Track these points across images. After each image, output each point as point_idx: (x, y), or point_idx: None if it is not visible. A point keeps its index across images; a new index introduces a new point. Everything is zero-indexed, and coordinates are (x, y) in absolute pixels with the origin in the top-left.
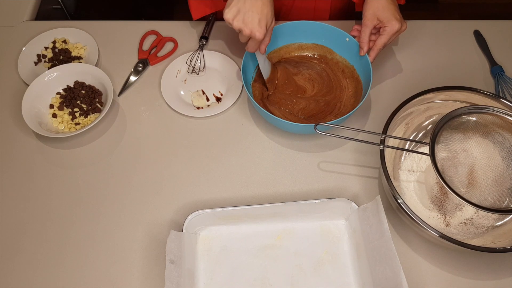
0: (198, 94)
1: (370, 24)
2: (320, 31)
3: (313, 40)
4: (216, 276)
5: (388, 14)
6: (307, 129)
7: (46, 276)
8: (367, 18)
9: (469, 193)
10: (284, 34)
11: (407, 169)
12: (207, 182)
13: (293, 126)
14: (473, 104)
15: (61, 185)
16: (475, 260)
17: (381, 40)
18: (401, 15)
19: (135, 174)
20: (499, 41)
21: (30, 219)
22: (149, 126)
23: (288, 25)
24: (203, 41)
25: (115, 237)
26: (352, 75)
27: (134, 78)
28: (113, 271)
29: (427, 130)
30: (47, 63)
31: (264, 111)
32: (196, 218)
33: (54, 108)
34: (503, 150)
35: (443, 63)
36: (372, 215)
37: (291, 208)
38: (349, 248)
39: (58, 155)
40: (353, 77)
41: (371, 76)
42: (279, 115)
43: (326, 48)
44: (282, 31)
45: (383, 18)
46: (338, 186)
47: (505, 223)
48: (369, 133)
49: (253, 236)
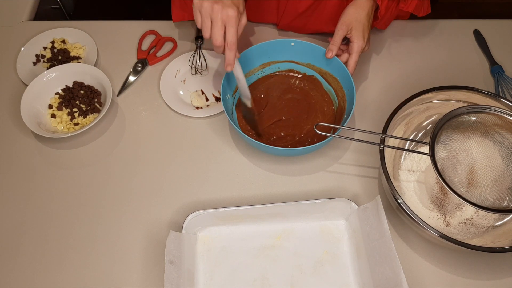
0: (198, 94)
1: (345, 28)
2: (283, 48)
3: (284, 58)
4: (215, 276)
5: (359, 30)
6: (297, 152)
7: (45, 277)
8: (344, 23)
9: (469, 193)
10: (257, 55)
11: (407, 169)
12: (206, 182)
13: (285, 152)
14: (473, 103)
15: (60, 185)
16: (475, 260)
17: (352, 59)
18: (369, 36)
19: (134, 174)
20: (499, 40)
21: (29, 219)
22: (148, 126)
23: (258, 46)
24: (199, 41)
25: (114, 237)
26: (333, 80)
27: (133, 78)
28: (112, 272)
29: (427, 130)
30: (45, 63)
31: (249, 138)
32: (195, 218)
33: (53, 108)
34: (503, 150)
35: (443, 63)
36: (372, 215)
37: (291, 208)
38: (349, 248)
39: (57, 155)
40: (334, 82)
41: (351, 79)
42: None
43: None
44: (254, 53)
45: (353, 32)
46: (338, 186)
47: (505, 223)
48: (369, 133)
49: (252, 236)
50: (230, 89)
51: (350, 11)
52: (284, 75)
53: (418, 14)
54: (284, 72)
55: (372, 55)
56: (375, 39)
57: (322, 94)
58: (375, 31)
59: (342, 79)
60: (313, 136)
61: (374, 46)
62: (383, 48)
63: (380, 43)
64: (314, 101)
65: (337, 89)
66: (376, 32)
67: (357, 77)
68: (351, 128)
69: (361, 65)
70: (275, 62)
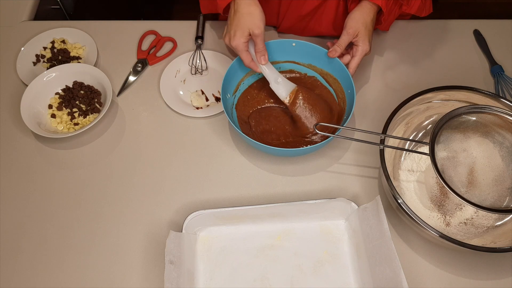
0: (198, 94)
1: (352, 33)
2: (288, 49)
3: (285, 58)
4: (215, 276)
5: (365, 35)
6: (298, 152)
7: (45, 276)
8: (351, 28)
9: (469, 193)
10: None
11: (407, 169)
12: (206, 182)
13: (286, 152)
14: (473, 103)
15: (60, 185)
16: (475, 260)
17: (355, 61)
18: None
19: (134, 174)
20: (499, 40)
21: (29, 219)
22: (148, 126)
23: None
24: (199, 41)
25: (114, 237)
26: (334, 81)
27: (133, 78)
28: (112, 272)
29: (427, 130)
30: (45, 63)
31: (257, 142)
32: (195, 218)
33: (53, 109)
34: (503, 150)
35: (443, 63)
36: (372, 215)
37: (291, 208)
38: (349, 248)
39: (57, 155)
40: (334, 84)
41: (352, 81)
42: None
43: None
44: None
45: (359, 37)
46: (338, 186)
47: (505, 223)
48: (369, 133)
49: (252, 236)
50: (230, 89)
51: (357, 16)
52: (284, 75)
53: (420, 14)
54: (285, 72)
55: (372, 56)
56: (376, 39)
57: (322, 95)
58: (376, 32)
59: (342, 80)
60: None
61: (375, 46)
62: (383, 48)
63: (380, 43)
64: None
65: (337, 90)
66: (376, 33)
67: (357, 77)
68: (351, 128)
69: (361, 65)
70: (276, 62)
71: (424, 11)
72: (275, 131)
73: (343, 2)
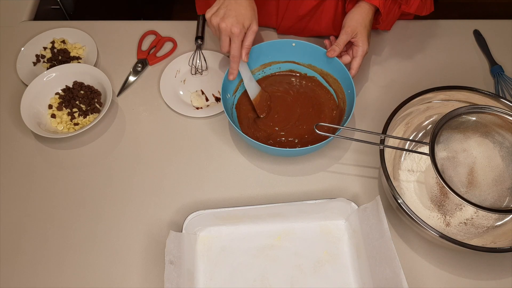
0: (198, 94)
1: (351, 33)
2: (288, 49)
3: (285, 58)
4: (215, 276)
5: (364, 35)
6: (297, 152)
7: (45, 276)
8: (349, 27)
9: (469, 193)
10: (258, 55)
11: (407, 169)
12: (206, 182)
13: (286, 152)
14: (473, 104)
15: (60, 185)
16: (475, 260)
17: (356, 62)
18: None
19: (134, 174)
20: (499, 40)
21: (29, 219)
22: (148, 126)
23: (258, 46)
24: (199, 41)
25: (114, 237)
26: (333, 81)
27: (133, 78)
28: (112, 272)
29: (427, 130)
30: (46, 63)
31: (253, 140)
32: (195, 218)
33: (53, 109)
34: (503, 150)
35: (443, 63)
36: (372, 215)
37: (291, 209)
38: (349, 248)
39: (57, 155)
40: (334, 84)
41: (352, 81)
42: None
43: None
44: (255, 53)
45: (358, 37)
46: (338, 186)
47: (505, 223)
48: (369, 133)
49: (252, 236)
50: (230, 89)
51: (355, 16)
52: (285, 76)
53: (420, 13)
54: (285, 72)
55: (372, 56)
56: (376, 39)
57: (322, 95)
58: (376, 32)
59: (342, 80)
60: (313, 136)
61: (374, 46)
62: (383, 48)
63: (380, 43)
64: (314, 101)
65: (337, 90)
66: (376, 33)
67: (357, 77)
68: (351, 128)
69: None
70: (276, 62)
71: (424, 10)
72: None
73: (342, 2)
